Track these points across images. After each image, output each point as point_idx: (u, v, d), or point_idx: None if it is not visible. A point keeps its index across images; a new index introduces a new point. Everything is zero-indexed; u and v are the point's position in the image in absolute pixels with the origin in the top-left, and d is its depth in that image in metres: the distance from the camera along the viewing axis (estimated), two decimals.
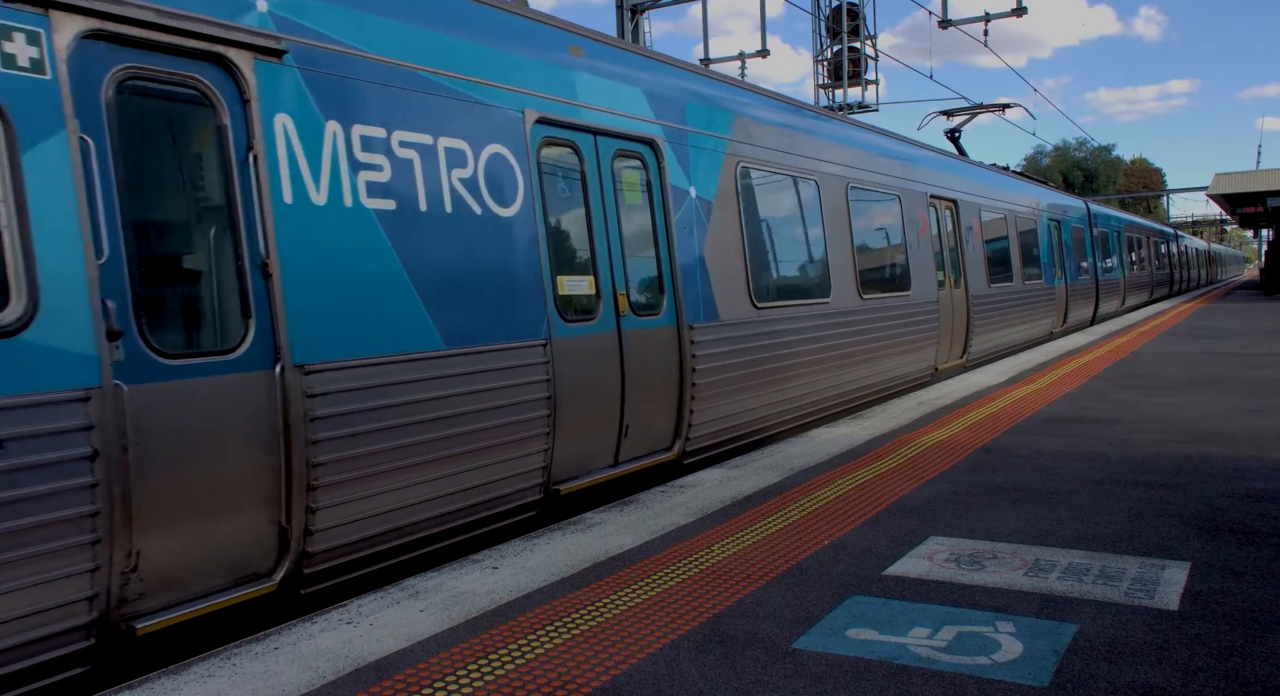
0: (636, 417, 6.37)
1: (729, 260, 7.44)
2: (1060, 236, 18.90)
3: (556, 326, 5.69)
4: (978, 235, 13.73)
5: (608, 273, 6.21)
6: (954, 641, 3.35)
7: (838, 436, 7.56)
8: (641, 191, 6.69)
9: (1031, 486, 5.60)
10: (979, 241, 13.75)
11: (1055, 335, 18.08)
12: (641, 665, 3.23)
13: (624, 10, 17.98)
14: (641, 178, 6.69)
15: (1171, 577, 3.94)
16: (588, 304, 6.05)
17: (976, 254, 13.58)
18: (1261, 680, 2.98)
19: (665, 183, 6.80)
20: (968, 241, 13.26)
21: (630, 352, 6.28)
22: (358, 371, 4.45)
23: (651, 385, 6.50)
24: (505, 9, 5.78)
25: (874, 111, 22.34)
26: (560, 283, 5.80)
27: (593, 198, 6.17)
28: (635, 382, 6.32)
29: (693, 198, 7.09)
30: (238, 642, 3.53)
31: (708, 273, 7.15)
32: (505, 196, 5.45)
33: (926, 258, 11.58)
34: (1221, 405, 8.36)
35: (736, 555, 4.45)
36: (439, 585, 4.12)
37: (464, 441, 5.03)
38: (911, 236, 11.21)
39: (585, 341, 5.94)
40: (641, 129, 6.64)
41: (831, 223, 9.27)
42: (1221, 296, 34.20)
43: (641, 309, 6.51)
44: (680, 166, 6.99)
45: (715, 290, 7.20)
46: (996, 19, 20.20)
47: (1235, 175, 35.40)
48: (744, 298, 7.56)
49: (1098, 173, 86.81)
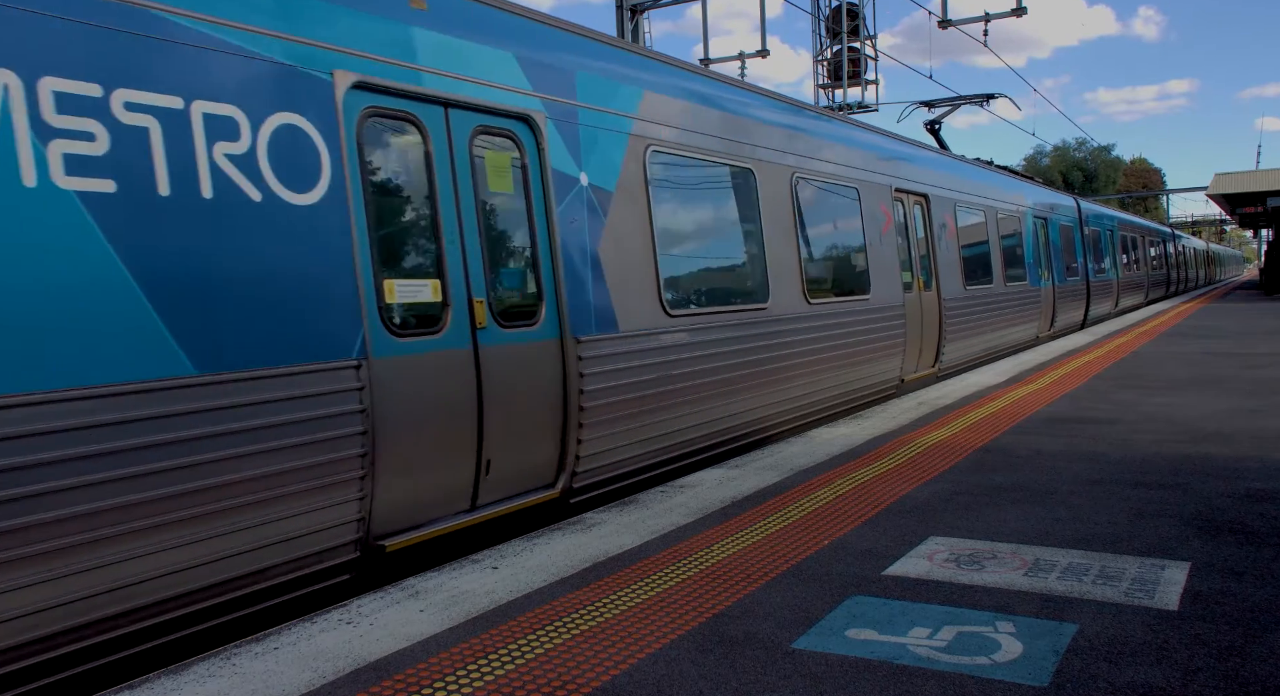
0: (503, 451, 5.34)
1: (634, 260, 6.39)
2: (1047, 235, 17.89)
3: (379, 342, 4.60)
4: (952, 233, 12.71)
5: (460, 276, 5.10)
6: (954, 641, 3.35)
7: (838, 436, 7.56)
8: (514, 177, 5.60)
9: (1031, 486, 5.60)
10: (953, 240, 12.75)
11: (1042, 340, 17.18)
12: (641, 665, 3.23)
13: (624, 10, 17.98)
14: (515, 160, 5.60)
15: (1171, 577, 3.94)
16: (430, 314, 4.95)
17: (951, 254, 12.56)
18: (1261, 680, 2.98)
19: (546, 167, 5.71)
20: (941, 240, 12.25)
21: (492, 373, 5.22)
22: (40, 410, 3.36)
23: (525, 411, 5.46)
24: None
25: (874, 111, 22.34)
26: (387, 288, 4.71)
27: (441, 183, 5.06)
28: (500, 409, 5.27)
29: (584, 186, 6.02)
30: (237, 642, 3.53)
31: (603, 275, 6.07)
32: (301, 179, 4.36)
33: (890, 257, 10.54)
34: (1221, 405, 8.36)
35: (736, 555, 4.45)
36: (439, 585, 4.12)
37: (223, 494, 3.91)
38: (872, 234, 10.20)
39: (425, 361, 4.85)
40: (514, 102, 5.53)
41: (772, 217, 8.19)
42: (1221, 296, 34.20)
43: (510, 319, 5.42)
44: (568, 148, 5.92)
45: (614, 296, 6.14)
46: (996, 19, 20.20)
47: (1235, 175, 35.42)
48: (653, 304, 6.51)
49: (1097, 173, 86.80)
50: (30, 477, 3.32)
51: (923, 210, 11.95)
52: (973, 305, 13.19)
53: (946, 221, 12.58)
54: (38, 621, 3.38)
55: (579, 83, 6.12)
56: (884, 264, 10.37)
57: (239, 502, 3.97)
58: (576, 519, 5.21)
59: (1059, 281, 18.33)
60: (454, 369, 5.02)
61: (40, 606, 3.38)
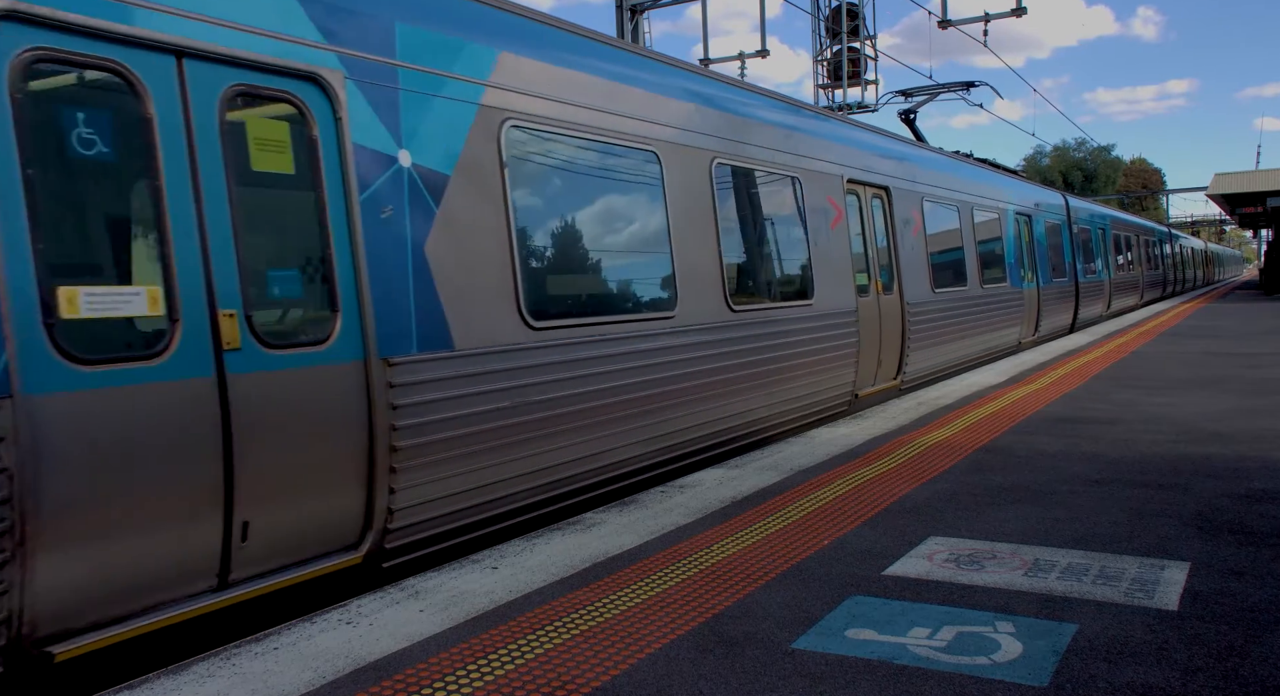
0: (269, 510, 4.11)
1: (481, 260, 5.22)
2: (1031, 233, 16.70)
3: (43, 374, 3.39)
4: (919, 230, 11.43)
5: (199, 281, 3.90)
6: (954, 641, 3.35)
7: (838, 436, 7.56)
8: (296, 154, 4.41)
9: (1031, 486, 5.60)
10: (920, 238, 11.45)
11: (1025, 346, 15.93)
12: (641, 665, 3.23)
13: (624, 10, 17.99)
14: (298, 133, 4.41)
15: (1171, 578, 3.94)
16: (145, 332, 3.76)
17: (917, 253, 11.26)
18: (1261, 680, 2.98)
19: (345, 142, 4.52)
20: (905, 237, 10.93)
21: (249, 409, 4.01)
22: None
23: (306, 456, 4.23)
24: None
25: (873, 111, 22.34)
26: (61, 298, 3.48)
27: (169, 159, 3.86)
28: (264, 456, 4.06)
29: (405, 167, 4.82)
30: (237, 642, 3.53)
31: (432, 279, 4.90)
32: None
33: (840, 257, 9.24)
34: (1221, 405, 8.36)
35: (736, 555, 4.45)
36: (438, 585, 4.12)
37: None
38: (817, 230, 8.87)
39: (131, 396, 3.63)
40: (295, 56, 4.34)
41: (683, 210, 6.93)
42: (1221, 296, 34.21)
43: (282, 338, 4.21)
44: (380, 119, 4.73)
45: (447, 304, 4.96)
46: (996, 19, 20.20)
47: (1235, 175, 35.42)
48: (508, 314, 5.31)
49: (1097, 173, 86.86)
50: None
51: (883, 204, 10.63)
52: (942, 310, 11.83)
53: (912, 217, 11.30)
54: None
55: (399, 37, 4.90)
56: (831, 264, 9.07)
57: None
58: (576, 519, 5.20)
59: (1044, 283, 17.22)
60: (183, 405, 3.80)
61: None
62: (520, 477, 5.41)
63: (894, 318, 10.50)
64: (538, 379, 5.48)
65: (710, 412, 7.06)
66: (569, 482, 5.78)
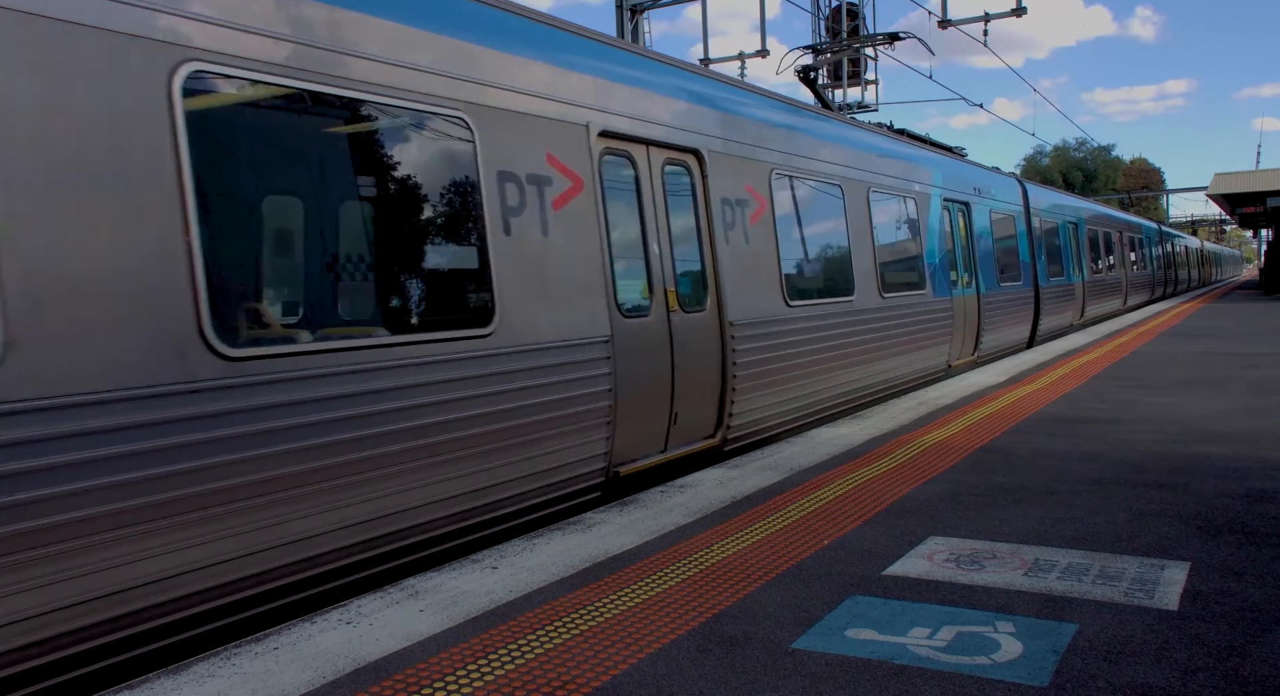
0: None
1: None
2: (969, 226, 13.49)
3: None
4: (762, 216, 7.99)
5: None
6: (953, 641, 3.35)
7: (838, 436, 7.56)
8: None
9: (1031, 486, 5.60)
10: (765, 228, 8.01)
11: (956, 369, 12.53)
12: (641, 665, 3.23)
13: (624, 10, 17.99)
14: None
15: (1171, 577, 3.94)
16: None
17: (756, 250, 7.85)
18: (1261, 680, 2.98)
19: None
20: (732, 228, 7.52)
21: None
22: None
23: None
24: None
25: (874, 111, 22.36)
26: None
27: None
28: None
29: None
30: (237, 642, 3.53)
31: None
32: None
33: (566, 258, 5.86)
34: (1221, 405, 8.36)
35: (736, 555, 4.45)
36: (439, 585, 4.12)
37: None
38: (515, 213, 5.54)
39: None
40: None
41: (204, 182, 3.99)
42: (1220, 296, 34.21)
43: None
44: None
45: None
46: (996, 19, 20.20)
47: (1235, 175, 35.42)
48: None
49: (1097, 173, 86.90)
50: None
51: (692, 177, 7.25)
52: (806, 329, 8.41)
53: (749, 198, 7.85)
54: None
55: None
56: (544, 268, 5.69)
57: None
58: (577, 519, 5.21)
59: (989, 288, 13.94)
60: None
61: None
62: None
63: (705, 347, 7.10)
64: None
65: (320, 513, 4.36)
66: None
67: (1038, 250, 17.09)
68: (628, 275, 6.52)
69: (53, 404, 3.30)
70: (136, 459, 3.54)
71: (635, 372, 6.33)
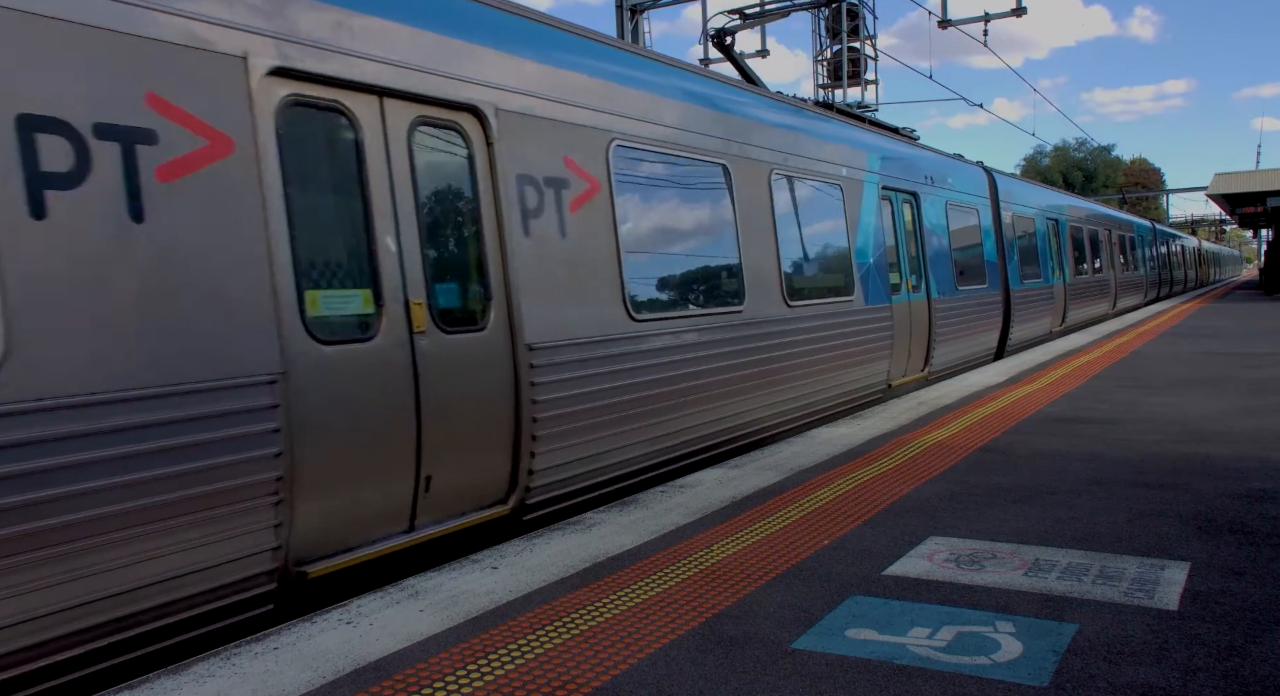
0: None
1: None
2: (916, 221, 11.60)
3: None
4: (590, 202, 6.12)
5: None
6: (953, 641, 3.35)
7: (838, 436, 7.56)
8: None
9: (1031, 486, 5.60)
10: (599, 216, 6.19)
11: (898, 388, 10.72)
12: (641, 665, 3.23)
13: (624, 10, 17.99)
14: None
15: (1171, 577, 3.94)
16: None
17: (583, 246, 6.01)
18: (1261, 680, 2.98)
19: None
20: (534, 216, 5.62)
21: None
22: None
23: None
24: None
25: (874, 111, 22.34)
26: None
27: None
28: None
29: None
30: (237, 642, 3.53)
31: None
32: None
33: (179, 255, 3.77)
34: (1221, 405, 8.36)
35: (736, 555, 4.45)
36: (438, 585, 4.12)
37: None
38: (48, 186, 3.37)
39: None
40: None
41: None
42: (1220, 296, 34.20)
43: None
44: None
45: None
46: (995, 19, 20.21)
47: (1235, 175, 35.41)
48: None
49: (1097, 173, 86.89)
50: None
51: (470, 144, 5.30)
52: (650, 353, 6.47)
53: (569, 176, 5.96)
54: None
55: None
56: (126, 274, 3.60)
57: None
58: (577, 519, 5.20)
59: (941, 293, 12.03)
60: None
61: None
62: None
63: (485, 376, 5.23)
64: None
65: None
66: None
67: (1009, 249, 15.00)
68: (333, 280, 4.55)
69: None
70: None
71: (340, 423, 4.43)
